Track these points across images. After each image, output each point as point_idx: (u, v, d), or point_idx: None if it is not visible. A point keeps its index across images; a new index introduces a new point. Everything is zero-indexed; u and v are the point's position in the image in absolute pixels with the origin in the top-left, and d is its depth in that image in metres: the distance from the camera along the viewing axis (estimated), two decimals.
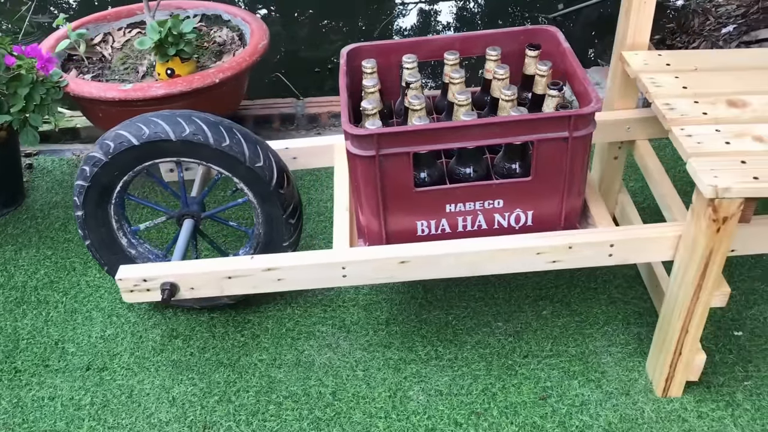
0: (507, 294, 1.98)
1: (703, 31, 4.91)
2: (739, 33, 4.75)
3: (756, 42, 4.56)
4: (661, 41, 4.84)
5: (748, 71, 1.74)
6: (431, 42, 1.78)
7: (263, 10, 4.62)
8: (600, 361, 1.78)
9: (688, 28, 4.95)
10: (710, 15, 4.98)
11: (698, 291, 1.52)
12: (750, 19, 4.82)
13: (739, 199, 1.38)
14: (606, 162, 2.07)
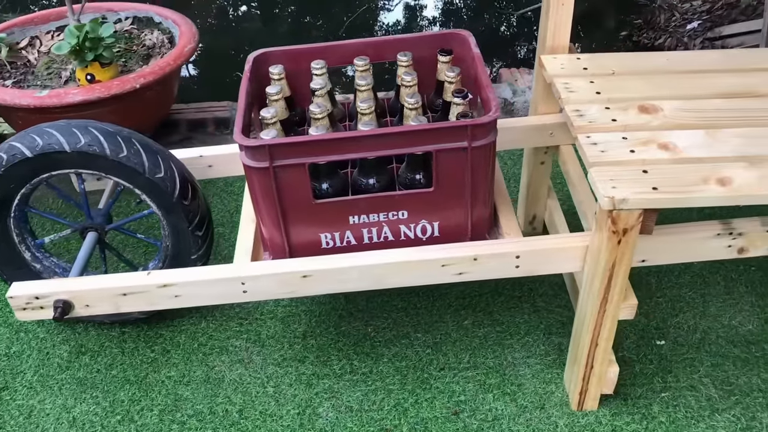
0: (430, 304, 1.93)
1: (669, 27, 4.90)
2: (704, 29, 4.74)
3: (719, 38, 4.56)
4: (627, 37, 4.82)
5: (665, 75, 1.70)
6: (342, 47, 1.73)
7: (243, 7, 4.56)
8: (517, 373, 1.74)
9: (654, 24, 4.94)
10: (676, 11, 4.97)
11: (604, 303, 1.48)
12: (714, 15, 4.81)
13: (637, 210, 1.34)
14: (533, 167, 2.03)
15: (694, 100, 1.60)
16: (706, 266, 2.02)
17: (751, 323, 1.85)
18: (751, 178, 1.35)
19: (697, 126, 1.51)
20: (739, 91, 1.63)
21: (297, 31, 4.26)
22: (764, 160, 1.40)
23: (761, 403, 1.65)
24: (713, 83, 1.66)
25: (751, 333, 1.82)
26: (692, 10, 4.89)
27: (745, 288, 1.95)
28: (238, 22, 4.61)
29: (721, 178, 1.35)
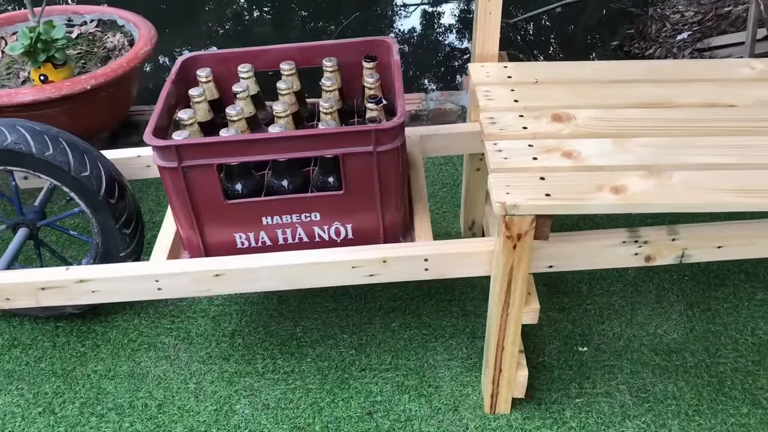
0: (361, 305, 1.96)
1: (659, 37, 4.91)
2: (693, 40, 4.76)
3: (708, 49, 4.57)
4: (619, 47, 4.84)
5: (588, 84, 1.72)
6: (269, 51, 1.76)
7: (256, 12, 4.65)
8: (436, 375, 1.76)
9: (645, 34, 4.96)
10: (667, 22, 4.98)
11: (506, 308, 1.50)
12: (704, 27, 4.82)
13: (530, 216, 1.36)
14: (470, 173, 2.05)
15: (610, 109, 1.63)
16: (640, 275, 2.04)
17: (677, 332, 1.86)
18: (647, 187, 1.37)
19: (607, 135, 1.54)
20: (656, 101, 1.65)
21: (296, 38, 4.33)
22: (664, 170, 1.42)
23: (673, 410, 1.66)
24: (633, 93, 1.68)
25: (675, 342, 1.84)
26: (683, 21, 4.90)
27: (676, 297, 1.97)
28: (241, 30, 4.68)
29: (616, 186, 1.37)
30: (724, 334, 1.85)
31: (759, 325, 1.87)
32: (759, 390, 1.70)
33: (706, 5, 4.96)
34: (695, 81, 1.73)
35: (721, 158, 1.45)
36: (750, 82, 1.72)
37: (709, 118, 1.59)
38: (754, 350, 1.80)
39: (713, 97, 1.66)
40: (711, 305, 1.94)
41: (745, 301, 1.95)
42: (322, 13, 4.72)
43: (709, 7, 4.92)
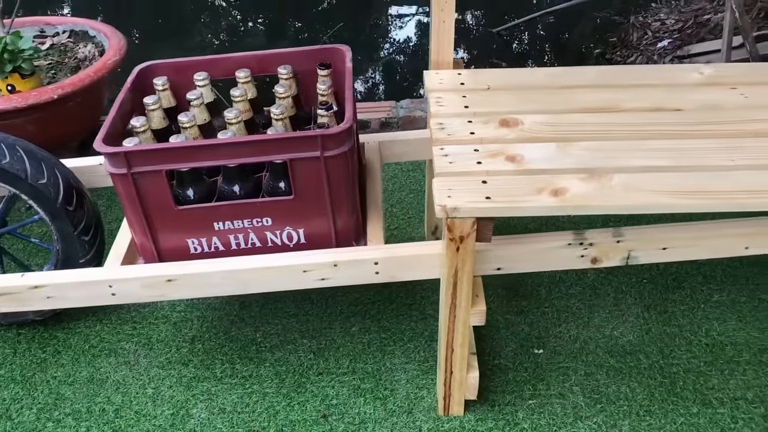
0: (321, 310, 1.98)
1: (640, 45, 4.96)
2: (674, 47, 4.81)
3: (688, 56, 4.62)
4: (601, 54, 4.89)
5: (539, 90, 1.75)
6: (226, 60, 1.79)
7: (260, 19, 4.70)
8: (393, 379, 1.78)
9: (627, 42, 5.01)
10: (648, 29, 5.03)
11: (453, 309, 1.52)
12: (684, 34, 4.87)
13: (470, 218, 1.39)
14: (431, 179, 2.07)
15: (557, 114, 1.65)
16: (599, 278, 2.06)
17: (632, 334, 1.88)
18: (587, 189, 1.40)
19: (552, 139, 1.56)
20: (603, 106, 1.68)
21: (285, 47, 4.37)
22: (605, 172, 1.44)
23: (625, 411, 1.68)
24: (581, 98, 1.71)
25: (630, 343, 1.86)
26: (664, 28, 4.96)
27: (634, 300, 1.99)
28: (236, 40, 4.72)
29: (556, 188, 1.40)
30: (679, 336, 1.87)
31: (713, 327, 1.90)
32: (710, 390, 1.72)
33: (687, 13, 5.02)
34: (644, 86, 1.76)
35: (661, 161, 1.48)
36: (698, 87, 1.75)
37: (653, 122, 1.62)
38: (707, 351, 1.83)
39: (660, 101, 1.69)
40: (668, 307, 1.96)
41: (702, 303, 1.97)
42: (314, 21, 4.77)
43: (690, 14, 4.98)
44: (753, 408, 1.68)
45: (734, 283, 2.03)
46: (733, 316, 1.92)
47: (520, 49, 4.95)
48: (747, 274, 2.06)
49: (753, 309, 1.95)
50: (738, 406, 1.68)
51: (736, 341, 1.85)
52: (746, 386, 1.73)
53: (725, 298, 1.99)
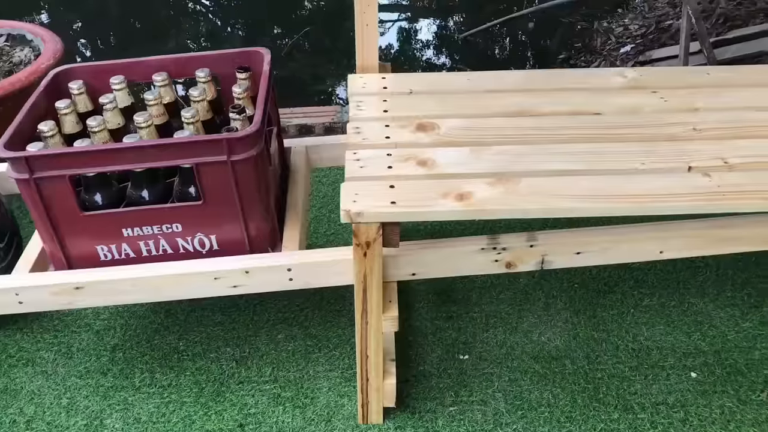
0: (248, 317, 1.95)
1: (604, 50, 4.99)
2: (636, 53, 4.85)
3: (650, 61, 4.65)
4: (565, 60, 4.91)
5: (461, 94, 1.74)
6: (144, 63, 1.76)
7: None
8: (315, 386, 1.75)
9: (591, 47, 5.04)
10: (612, 35, 5.07)
11: (365, 315, 1.50)
12: (647, 40, 4.91)
13: (375, 223, 1.37)
14: None
15: (476, 118, 1.64)
16: (531, 282, 2.05)
17: (560, 339, 1.87)
18: (493, 194, 1.38)
19: (467, 143, 1.55)
20: (522, 110, 1.67)
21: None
22: (513, 177, 1.43)
23: (546, 417, 1.67)
24: (502, 102, 1.70)
25: (557, 349, 1.85)
26: (627, 34, 4.99)
27: (564, 304, 1.98)
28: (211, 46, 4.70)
29: (462, 193, 1.38)
30: (607, 341, 1.87)
31: (641, 331, 1.89)
32: (632, 395, 1.71)
33: (650, 19, 5.06)
34: (567, 90, 1.76)
35: (573, 165, 1.47)
36: (620, 90, 1.75)
37: (570, 125, 1.61)
38: (633, 356, 1.82)
39: (580, 105, 1.69)
40: (597, 312, 1.96)
41: (631, 308, 1.97)
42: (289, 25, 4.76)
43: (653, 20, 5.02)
44: (673, 413, 1.67)
45: (665, 287, 2.03)
46: (661, 321, 1.92)
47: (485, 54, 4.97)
48: (679, 278, 2.06)
49: (682, 313, 1.94)
50: (658, 411, 1.67)
51: (662, 346, 1.85)
52: (668, 391, 1.72)
53: (655, 302, 1.98)
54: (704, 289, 2.02)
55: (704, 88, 1.75)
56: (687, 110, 1.66)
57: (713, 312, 1.94)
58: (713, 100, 1.69)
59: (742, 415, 1.66)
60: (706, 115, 1.64)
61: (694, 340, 1.86)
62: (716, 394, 1.71)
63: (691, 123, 1.60)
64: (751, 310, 1.95)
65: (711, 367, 1.79)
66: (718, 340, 1.86)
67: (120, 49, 4.64)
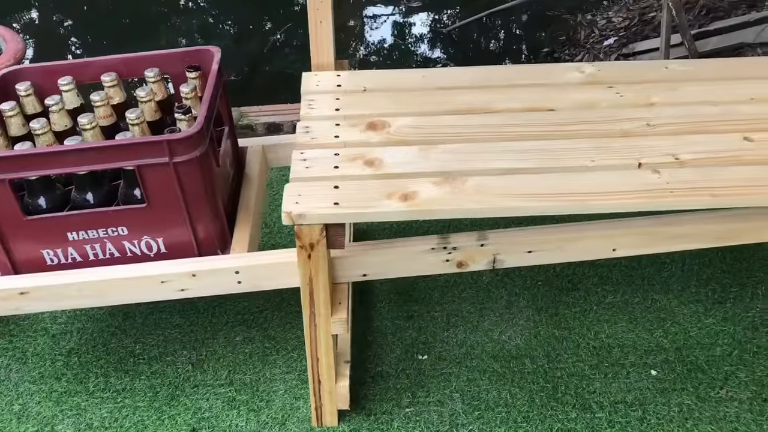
0: (207, 320, 1.93)
1: (587, 43, 4.97)
2: (619, 45, 4.83)
3: (632, 54, 4.63)
4: (549, 53, 4.89)
5: (414, 92, 1.71)
6: (94, 63, 1.73)
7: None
8: (271, 389, 1.73)
9: (575, 40, 5.02)
10: (595, 28, 5.05)
11: (313, 318, 1.48)
12: (630, 32, 4.90)
13: (318, 225, 1.34)
14: None
15: (428, 116, 1.62)
16: (494, 281, 2.03)
17: (520, 338, 1.85)
18: (438, 193, 1.36)
19: (416, 142, 1.53)
20: (476, 107, 1.64)
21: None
22: (461, 175, 1.41)
23: (503, 417, 1.65)
24: (455, 100, 1.67)
25: (518, 347, 1.83)
26: (611, 26, 4.97)
27: (526, 302, 1.96)
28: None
29: (406, 193, 1.36)
30: (568, 339, 1.85)
31: (603, 329, 1.87)
32: (591, 394, 1.70)
33: (634, 11, 5.04)
34: (523, 86, 1.73)
35: (523, 163, 1.45)
36: (576, 86, 1.73)
37: (523, 122, 1.59)
38: (593, 354, 1.80)
39: (535, 101, 1.66)
40: (559, 310, 1.94)
41: (594, 305, 1.95)
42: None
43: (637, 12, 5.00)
44: (631, 411, 1.65)
45: (629, 284, 2.01)
46: (624, 318, 1.90)
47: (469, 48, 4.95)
48: (644, 274, 2.05)
49: (645, 310, 1.93)
50: (617, 410, 1.66)
51: (623, 343, 1.83)
52: (627, 389, 1.71)
53: (619, 299, 1.97)
54: (669, 285, 2.00)
55: (661, 83, 1.72)
56: (642, 105, 1.64)
57: (677, 308, 1.93)
58: (669, 95, 1.67)
59: (701, 413, 1.65)
60: (661, 110, 1.61)
61: (656, 337, 1.85)
62: (675, 392, 1.70)
63: (645, 118, 1.58)
64: (715, 306, 1.93)
65: (672, 364, 1.77)
66: (680, 337, 1.84)
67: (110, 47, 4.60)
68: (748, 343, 1.82)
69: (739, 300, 1.95)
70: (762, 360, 1.77)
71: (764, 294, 1.96)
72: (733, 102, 1.63)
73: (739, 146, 1.48)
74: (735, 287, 1.99)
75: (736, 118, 1.58)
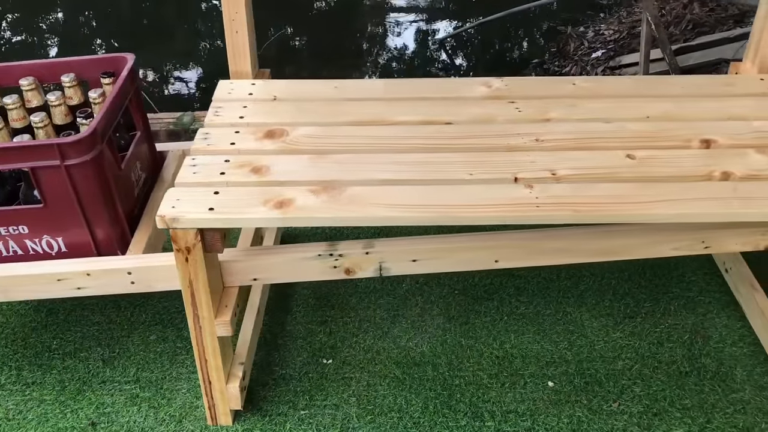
0: (125, 318, 1.98)
1: (576, 55, 5.00)
2: (606, 58, 4.85)
3: (619, 67, 4.65)
4: (539, 64, 4.92)
5: (321, 102, 1.76)
6: (11, 68, 1.79)
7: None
8: (174, 388, 1.78)
9: (565, 52, 5.04)
10: (585, 40, 5.07)
11: (197, 320, 1.52)
12: (618, 45, 4.92)
13: (192, 229, 1.39)
14: None
15: (328, 126, 1.66)
16: (412, 288, 2.07)
17: (427, 345, 1.89)
18: (314, 202, 1.41)
19: (309, 151, 1.57)
20: (376, 118, 1.68)
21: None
22: (341, 185, 1.45)
23: (394, 422, 1.68)
24: (359, 111, 1.71)
25: (422, 355, 1.86)
26: (600, 39, 4.99)
27: (439, 311, 2.00)
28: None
29: (282, 200, 1.41)
30: (473, 348, 1.88)
31: (509, 339, 1.90)
32: (485, 403, 1.73)
33: (626, 24, 5.06)
34: (429, 99, 1.77)
35: (403, 174, 1.49)
36: (479, 101, 1.76)
37: (417, 135, 1.62)
38: (495, 363, 1.83)
39: (435, 115, 1.70)
40: (470, 319, 1.97)
41: (505, 316, 1.98)
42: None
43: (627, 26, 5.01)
44: (521, 421, 1.68)
45: (544, 296, 2.04)
46: (532, 329, 1.93)
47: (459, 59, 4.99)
48: (560, 287, 2.07)
49: (555, 322, 1.95)
50: (507, 419, 1.69)
51: (527, 354, 1.86)
52: (521, 399, 1.73)
53: (531, 310, 1.99)
54: (583, 299, 2.03)
55: (564, 99, 1.75)
56: (538, 121, 1.67)
57: (586, 322, 1.95)
58: (567, 111, 1.70)
59: (590, 425, 1.67)
60: (555, 126, 1.65)
61: (560, 349, 1.87)
62: (569, 404, 1.72)
63: (536, 134, 1.61)
64: (625, 320, 1.95)
65: (570, 376, 1.80)
66: (585, 350, 1.87)
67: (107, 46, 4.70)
68: (651, 358, 1.84)
69: (650, 315, 1.97)
70: (660, 375, 1.79)
71: (676, 310, 1.98)
72: (626, 119, 1.66)
73: (620, 163, 1.51)
74: (648, 302, 2.01)
75: (625, 135, 1.60)
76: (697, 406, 1.71)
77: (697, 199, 1.41)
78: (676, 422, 1.68)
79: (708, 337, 1.89)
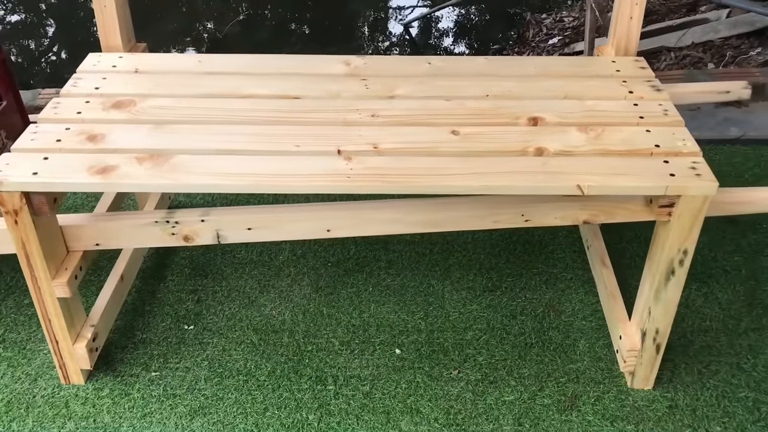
0: (5, 282, 2.05)
1: (533, 41, 5.05)
2: (562, 44, 4.89)
3: (573, 53, 4.69)
4: (498, 51, 4.97)
5: (181, 75, 1.82)
6: None
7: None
8: (37, 349, 1.85)
9: (524, 38, 5.09)
10: (543, 26, 5.12)
11: (35, 281, 1.59)
12: (574, 32, 4.96)
13: (16, 192, 1.45)
14: None
15: (178, 98, 1.72)
16: (290, 259, 2.13)
17: (289, 314, 1.95)
18: (136, 170, 1.47)
19: (151, 122, 1.63)
20: (228, 92, 1.74)
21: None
22: (168, 154, 1.51)
23: (239, 384, 1.75)
24: (216, 84, 1.77)
25: (282, 323, 1.93)
26: (559, 26, 5.03)
27: (309, 281, 2.06)
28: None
29: (106, 167, 1.47)
30: (332, 317, 1.95)
31: (369, 308, 1.97)
32: (331, 368, 1.80)
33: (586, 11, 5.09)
34: (286, 75, 1.83)
35: (233, 145, 1.55)
36: (334, 78, 1.82)
37: (262, 108, 1.68)
38: (349, 331, 1.90)
39: (286, 90, 1.76)
40: (337, 290, 2.04)
41: (370, 287, 2.04)
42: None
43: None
44: (361, 386, 1.75)
45: (413, 269, 2.11)
46: (393, 300, 2.00)
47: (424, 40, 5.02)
48: (430, 261, 2.14)
49: (417, 294, 2.02)
50: (348, 384, 1.76)
51: (382, 323, 1.93)
52: (366, 365, 1.81)
53: (397, 282, 2.06)
54: (449, 273, 2.09)
55: (414, 78, 1.81)
56: (381, 98, 1.72)
57: (447, 294, 2.02)
58: (414, 89, 1.76)
59: (425, 390, 1.74)
60: (396, 103, 1.70)
61: (415, 318, 1.94)
62: (410, 370, 1.80)
63: (375, 110, 1.67)
64: (485, 293, 2.02)
65: (419, 344, 1.87)
66: (439, 320, 1.94)
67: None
68: (501, 329, 1.91)
69: (509, 289, 2.03)
70: (506, 346, 1.86)
71: (536, 285, 2.05)
72: (467, 98, 1.72)
73: (443, 138, 1.57)
74: (511, 277, 2.07)
75: (460, 113, 1.66)
76: (533, 375, 1.79)
77: (505, 172, 1.47)
78: (509, 390, 1.75)
79: (561, 312, 1.96)
